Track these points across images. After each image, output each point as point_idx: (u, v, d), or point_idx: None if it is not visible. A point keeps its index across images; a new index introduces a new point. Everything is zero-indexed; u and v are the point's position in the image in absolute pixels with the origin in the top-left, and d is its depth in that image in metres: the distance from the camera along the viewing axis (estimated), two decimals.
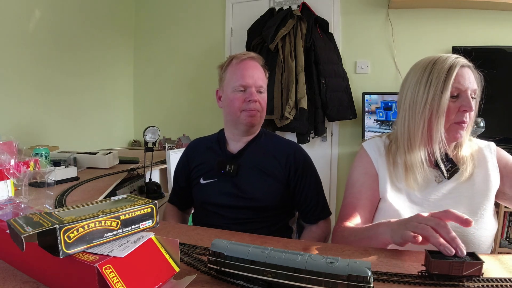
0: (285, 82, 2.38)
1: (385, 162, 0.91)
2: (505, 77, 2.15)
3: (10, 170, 0.77)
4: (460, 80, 0.81)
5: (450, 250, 0.57)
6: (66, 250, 0.43)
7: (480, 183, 0.85)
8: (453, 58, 0.83)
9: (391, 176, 0.89)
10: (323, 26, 2.46)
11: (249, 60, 1.08)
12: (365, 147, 0.96)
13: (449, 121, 0.82)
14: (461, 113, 0.81)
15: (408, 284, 0.55)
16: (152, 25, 3.19)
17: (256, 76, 1.06)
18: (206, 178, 1.10)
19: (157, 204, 0.55)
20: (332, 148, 2.62)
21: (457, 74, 0.81)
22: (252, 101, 1.04)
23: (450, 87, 0.80)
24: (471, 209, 0.83)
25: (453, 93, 0.81)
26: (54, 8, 2.33)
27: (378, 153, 0.93)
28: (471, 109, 0.80)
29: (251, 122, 1.06)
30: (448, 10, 2.32)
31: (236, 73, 1.06)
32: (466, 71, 0.83)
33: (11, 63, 2.06)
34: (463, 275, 0.55)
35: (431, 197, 0.86)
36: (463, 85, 0.81)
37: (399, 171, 0.88)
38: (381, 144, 0.95)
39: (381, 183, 0.90)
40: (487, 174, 0.86)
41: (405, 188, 0.88)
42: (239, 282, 0.54)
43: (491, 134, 1.96)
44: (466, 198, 0.84)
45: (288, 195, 1.08)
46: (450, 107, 0.81)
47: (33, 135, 2.20)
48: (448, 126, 0.83)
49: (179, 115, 3.12)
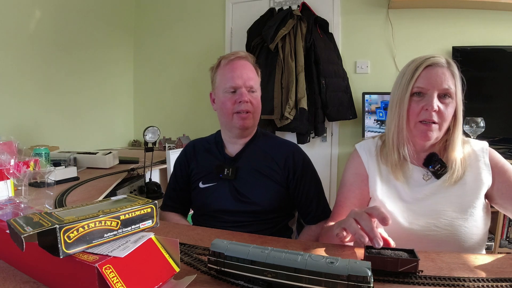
0: (285, 82, 2.38)
1: (375, 162, 0.93)
2: (505, 77, 2.15)
3: (10, 170, 0.77)
4: (423, 79, 0.83)
5: (363, 239, 0.62)
6: (66, 250, 0.43)
7: (471, 182, 0.85)
8: (423, 58, 0.85)
9: (381, 176, 0.92)
10: (323, 26, 2.46)
11: (237, 60, 1.06)
12: (357, 148, 0.99)
13: (414, 120, 0.84)
14: (424, 112, 0.82)
15: (408, 284, 0.55)
16: (152, 25, 3.19)
17: (246, 76, 1.04)
18: (205, 182, 1.09)
19: (157, 204, 0.55)
20: (332, 148, 2.62)
21: (420, 74, 0.84)
22: (243, 102, 1.03)
23: (411, 87, 0.84)
24: (460, 208, 0.83)
25: (416, 91, 0.84)
26: (54, 9, 2.34)
27: (369, 154, 0.95)
28: (432, 108, 0.81)
29: (244, 125, 1.05)
30: (448, 10, 2.32)
31: (225, 74, 1.06)
32: (434, 71, 0.83)
33: (12, 63, 2.06)
34: (399, 271, 0.56)
35: (420, 196, 0.87)
36: (427, 84, 0.83)
37: (389, 169, 0.90)
38: (372, 145, 0.97)
39: (371, 182, 0.92)
40: (478, 172, 0.86)
41: (395, 187, 0.89)
42: (239, 282, 0.54)
43: (491, 134, 1.96)
44: (456, 197, 0.84)
45: (287, 197, 1.08)
46: (414, 106, 0.84)
47: (33, 135, 2.20)
48: (414, 125, 0.85)
49: (179, 115, 3.12)
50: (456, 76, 0.84)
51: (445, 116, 0.83)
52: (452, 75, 0.84)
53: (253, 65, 1.10)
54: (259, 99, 1.09)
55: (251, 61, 1.10)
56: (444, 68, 0.84)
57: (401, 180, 0.88)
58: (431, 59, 0.84)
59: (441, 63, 0.84)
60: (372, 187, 0.91)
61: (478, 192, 0.84)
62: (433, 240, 0.83)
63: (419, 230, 0.84)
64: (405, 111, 0.85)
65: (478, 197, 0.84)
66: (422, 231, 0.84)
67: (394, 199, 0.89)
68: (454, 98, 0.84)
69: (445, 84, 0.82)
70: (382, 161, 0.92)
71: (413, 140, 0.88)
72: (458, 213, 0.83)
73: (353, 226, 0.65)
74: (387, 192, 0.90)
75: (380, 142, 0.96)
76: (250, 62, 1.09)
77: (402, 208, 0.87)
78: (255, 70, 1.10)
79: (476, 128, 1.58)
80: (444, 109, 0.82)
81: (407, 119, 0.86)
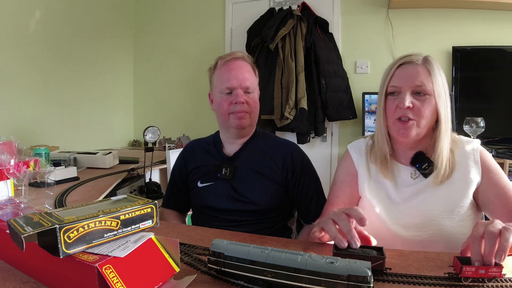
0: (285, 82, 2.38)
1: (365, 161, 0.95)
2: (505, 77, 2.15)
3: (10, 170, 0.77)
4: (396, 78, 0.85)
5: (342, 243, 0.62)
6: (66, 250, 0.43)
7: (459, 181, 0.85)
8: (399, 57, 0.87)
9: (369, 175, 0.93)
10: (323, 26, 2.46)
11: (233, 61, 1.06)
12: (348, 148, 1.01)
13: (392, 118, 0.86)
14: (399, 109, 0.83)
15: (408, 284, 0.55)
16: (152, 25, 3.19)
17: (241, 77, 1.04)
18: (204, 182, 1.09)
19: (157, 204, 0.55)
20: (332, 148, 2.62)
21: (394, 73, 0.86)
22: (238, 103, 1.03)
23: (386, 86, 0.86)
24: (447, 207, 0.83)
25: (390, 91, 0.86)
26: (54, 9, 2.34)
27: (359, 153, 0.96)
28: (404, 105, 0.81)
29: (240, 125, 1.05)
30: (448, 10, 2.32)
31: (221, 75, 1.06)
32: (406, 69, 0.84)
33: (11, 63, 2.06)
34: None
35: (407, 195, 0.87)
36: (399, 82, 0.84)
37: (378, 168, 0.91)
38: (363, 145, 0.98)
39: (360, 181, 0.94)
40: (467, 171, 0.85)
41: (384, 186, 0.90)
42: (239, 282, 0.54)
43: (491, 134, 1.96)
44: (444, 197, 0.84)
45: (286, 197, 1.08)
46: (390, 105, 0.86)
47: (33, 135, 2.20)
48: (392, 123, 0.86)
49: (179, 115, 3.12)
50: (433, 72, 0.83)
51: (422, 113, 0.82)
52: (428, 72, 0.83)
53: (250, 65, 1.10)
54: (256, 99, 1.09)
55: (249, 61, 1.10)
56: (418, 65, 0.84)
57: (389, 178, 0.89)
58: (405, 57, 0.85)
59: (414, 60, 0.84)
60: (361, 186, 0.93)
61: (466, 191, 0.84)
62: (420, 240, 0.83)
63: (406, 230, 0.85)
64: (383, 110, 0.88)
65: (466, 196, 0.83)
66: (408, 231, 0.84)
67: (382, 198, 0.89)
68: (432, 95, 0.82)
69: (417, 81, 0.82)
70: (371, 160, 0.93)
71: (395, 139, 0.89)
72: (444, 212, 0.83)
73: (332, 230, 0.65)
74: (376, 191, 0.91)
75: (371, 141, 0.97)
76: (247, 62, 1.09)
77: (390, 208, 0.87)
78: (253, 70, 1.10)
79: (476, 128, 1.58)
80: (420, 106, 0.82)
81: (386, 117, 0.87)
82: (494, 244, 0.56)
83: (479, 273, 0.54)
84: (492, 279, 0.54)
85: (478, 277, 0.54)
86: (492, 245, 0.56)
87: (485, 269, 0.54)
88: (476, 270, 0.54)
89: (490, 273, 0.54)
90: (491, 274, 0.54)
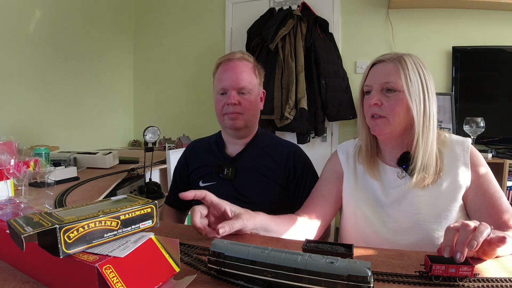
0: (285, 82, 2.38)
1: (352, 163, 0.96)
2: (505, 77, 2.15)
3: (10, 170, 0.77)
4: (369, 78, 0.87)
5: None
6: (66, 250, 0.43)
7: (447, 184, 0.83)
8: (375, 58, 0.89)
9: (356, 176, 0.94)
10: (323, 26, 2.46)
11: (229, 62, 1.06)
12: (337, 148, 1.03)
13: (367, 116, 0.88)
14: (371, 107, 0.85)
15: (408, 284, 0.55)
16: (152, 25, 3.18)
17: (235, 78, 1.04)
18: (205, 181, 1.10)
19: (157, 204, 0.55)
20: (332, 148, 2.62)
21: (368, 73, 0.88)
22: (230, 104, 1.03)
23: (362, 86, 0.90)
24: (434, 211, 0.81)
25: (365, 90, 0.88)
26: (54, 9, 2.33)
27: (347, 155, 0.98)
28: (371, 102, 0.83)
29: (233, 126, 1.05)
30: (448, 10, 2.32)
31: (218, 76, 1.07)
32: (377, 68, 0.86)
33: (11, 63, 2.06)
34: None
35: (394, 198, 0.87)
36: (370, 81, 0.86)
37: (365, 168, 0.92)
38: (351, 146, 0.99)
39: (345, 183, 0.95)
40: (456, 173, 0.83)
41: (371, 188, 0.90)
42: (239, 282, 0.54)
43: (491, 134, 1.96)
44: (431, 200, 0.82)
45: (287, 197, 1.08)
46: (365, 104, 0.89)
47: (33, 135, 2.20)
48: (368, 121, 0.88)
49: (179, 115, 3.12)
50: (406, 69, 0.81)
51: (390, 109, 0.81)
52: (401, 69, 0.81)
53: (251, 65, 1.09)
54: (253, 100, 1.08)
55: (249, 62, 1.09)
56: (389, 63, 0.83)
57: (376, 178, 0.89)
58: (378, 57, 0.87)
59: (386, 59, 0.84)
60: (346, 189, 0.94)
61: (455, 195, 0.82)
62: (407, 245, 0.81)
63: (393, 234, 0.84)
64: (360, 110, 0.91)
65: (455, 200, 0.82)
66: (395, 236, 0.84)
67: (370, 200, 0.89)
68: (404, 92, 0.80)
69: (386, 78, 0.82)
70: (359, 161, 0.94)
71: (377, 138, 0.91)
72: (431, 216, 0.81)
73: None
74: (364, 193, 0.91)
75: (360, 142, 0.97)
76: (247, 62, 1.08)
77: (378, 210, 0.87)
78: (253, 70, 1.09)
79: (476, 128, 1.58)
80: (387, 103, 0.82)
81: (363, 116, 0.89)
82: (468, 235, 0.56)
83: (449, 272, 0.53)
84: (463, 278, 0.54)
85: (449, 276, 0.54)
86: (466, 235, 0.56)
87: (455, 268, 0.53)
88: (446, 268, 0.53)
89: (460, 272, 0.53)
90: (461, 273, 0.53)
